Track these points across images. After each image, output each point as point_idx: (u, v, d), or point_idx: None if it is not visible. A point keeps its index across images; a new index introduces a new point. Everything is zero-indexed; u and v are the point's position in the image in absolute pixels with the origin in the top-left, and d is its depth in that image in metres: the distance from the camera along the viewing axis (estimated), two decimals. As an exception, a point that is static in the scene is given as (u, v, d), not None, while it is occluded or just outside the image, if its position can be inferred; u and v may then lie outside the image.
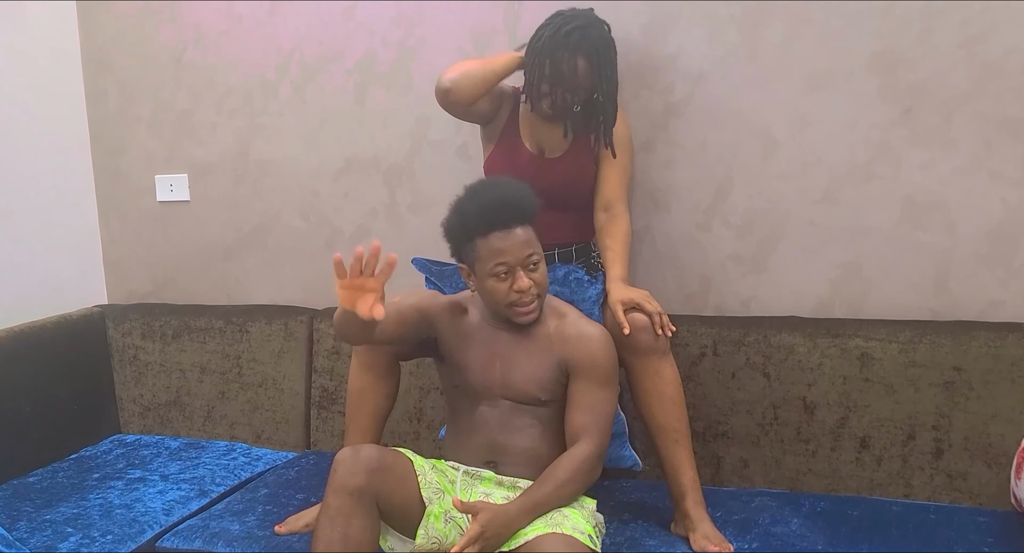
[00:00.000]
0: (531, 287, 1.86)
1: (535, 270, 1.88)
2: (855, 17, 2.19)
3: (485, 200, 1.87)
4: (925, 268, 2.22)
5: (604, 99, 2.16)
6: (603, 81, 2.13)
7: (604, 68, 2.13)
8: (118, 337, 2.88)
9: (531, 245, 1.86)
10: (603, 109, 2.17)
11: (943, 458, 2.09)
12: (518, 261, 1.84)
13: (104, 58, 2.96)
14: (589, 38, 2.12)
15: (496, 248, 1.84)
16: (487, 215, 1.85)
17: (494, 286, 1.87)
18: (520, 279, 1.85)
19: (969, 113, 2.13)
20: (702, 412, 2.26)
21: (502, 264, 1.84)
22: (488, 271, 1.86)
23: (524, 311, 1.89)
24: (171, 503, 2.27)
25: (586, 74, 2.12)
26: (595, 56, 2.12)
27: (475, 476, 1.90)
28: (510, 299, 1.87)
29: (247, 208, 2.88)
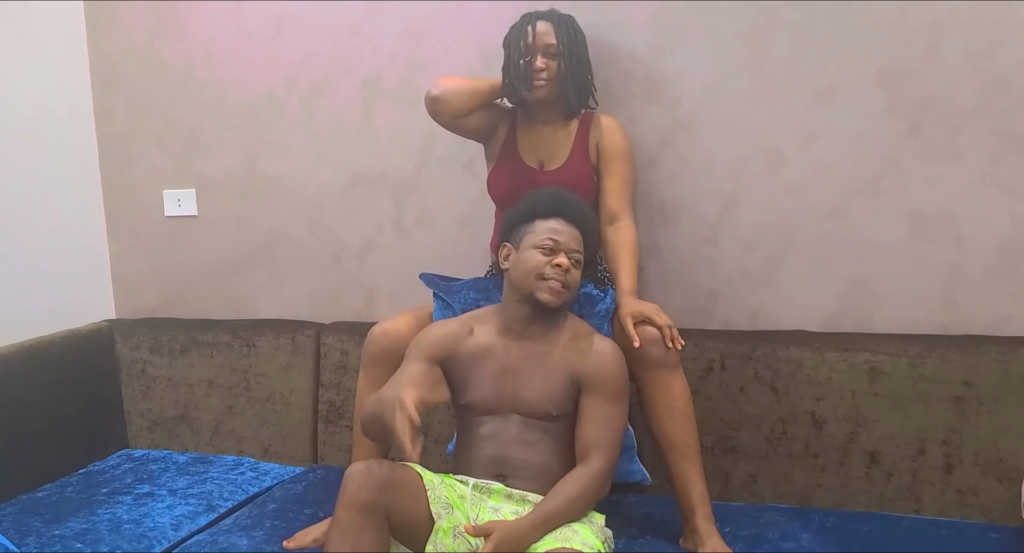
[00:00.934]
0: (568, 270, 1.93)
1: (575, 267, 1.97)
2: (862, 32, 2.19)
3: (559, 195, 2.04)
4: (934, 283, 2.22)
5: (570, 56, 2.22)
6: (565, 36, 2.21)
7: (564, 27, 2.22)
8: (126, 352, 2.89)
9: (581, 247, 1.99)
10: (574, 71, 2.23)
11: (953, 473, 2.08)
12: (566, 247, 1.96)
13: (113, 74, 2.98)
14: (546, 11, 2.26)
15: (553, 227, 1.97)
16: (559, 204, 2.01)
17: (534, 255, 1.95)
18: (561, 257, 1.93)
19: (977, 128, 2.13)
20: (710, 427, 2.26)
21: (552, 239, 1.95)
22: (536, 242, 1.96)
23: (552, 287, 1.93)
24: (179, 518, 2.27)
25: (546, 30, 2.21)
26: (554, 17, 2.23)
27: (484, 490, 1.89)
28: (543, 271, 1.93)
29: (255, 223, 2.89)
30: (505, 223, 2.06)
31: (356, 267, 2.78)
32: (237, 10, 2.79)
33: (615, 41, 2.38)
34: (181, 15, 2.85)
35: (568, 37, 2.22)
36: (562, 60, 2.21)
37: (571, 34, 2.23)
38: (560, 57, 2.21)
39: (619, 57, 2.39)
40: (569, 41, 2.22)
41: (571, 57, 2.21)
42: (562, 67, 2.21)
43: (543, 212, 1.99)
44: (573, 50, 2.22)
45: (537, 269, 1.93)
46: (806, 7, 2.23)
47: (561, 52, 2.21)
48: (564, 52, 2.21)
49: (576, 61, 2.23)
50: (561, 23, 2.23)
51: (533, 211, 2.00)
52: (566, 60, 2.21)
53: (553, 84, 2.22)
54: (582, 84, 2.27)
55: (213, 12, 2.82)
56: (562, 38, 2.21)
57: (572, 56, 2.22)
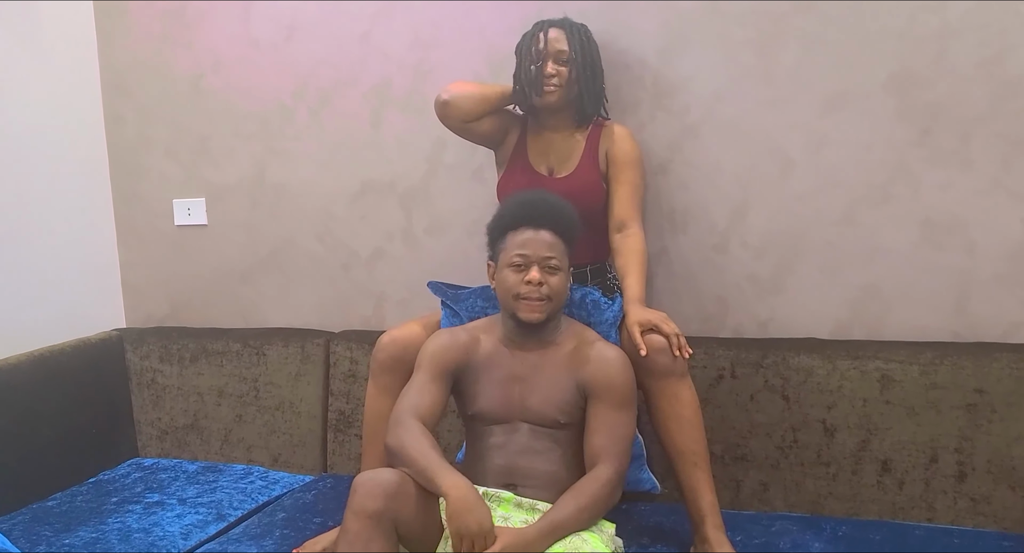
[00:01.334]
0: (540, 284, 1.91)
1: (552, 275, 1.92)
2: (871, 38, 2.19)
3: (523, 200, 2.02)
4: (945, 289, 2.20)
5: (583, 63, 2.22)
6: (577, 43, 2.22)
7: (577, 35, 2.23)
8: (136, 360, 2.89)
9: (554, 250, 1.93)
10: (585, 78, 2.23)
11: (966, 481, 2.06)
12: (537, 258, 1.92)
13: (123, 83, 2.99)
14: (551, 20, 2.26)
15: (520, 241, 1.94)
16: (524, 210, 1.98)
17: (507, 276, 1.94)
18: (532, 272, 1.90)
19: (987, 133, 2.12)
20: (720, 435, 2.25)
21: (521, 255, 1.92)
22: (507, 261, 1.94)
23: (529, 306, 1.92)
24: (189, 527, 2.27)
25: (558, 37, 2.22)
26: (566, 25, 2.24)
27: (494, 498, 1.88)
28: (518, 290, 1.92)
29: (264, 231, 2.89)
30: (487, 235, 2.05)
31: (365, 275, 2.79)
32: (246, 18, 2.80)
33: (624, 47, 2.38)
34: (191, 23, 2.87)
35: (580, 44, 2.22)
36: (574, 67, 2.21)
37: (583, 42, 2.23)
38: (571, 64, 2.21)
39: (628, 63, 2.39)
40: (581, 48, 2.22)
41: (583, 64, 2.22)
42: (573, 73, 2.21)
43: (511, 224, 1.97)
44: (585, 58, 2.22)
45: (512, 290, 1.93)
46: (815, 13, 2.22)
47: (573, 59, 2.21)
48: (576, 59, 2.21)
49: (588, 69, 2.23)
50: (574, 31, 2.23)
51: (502, 224, 1.99)
52: (578, 67, 2.21)
53: (563, 90, 2.22)
54: (595, 92, 2.27)
55: (223, 20, 2.83)
56: (574, 45, 2.21)
57: (584, 64, 2.22)
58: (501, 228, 1.98)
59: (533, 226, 1.94)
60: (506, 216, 1.99)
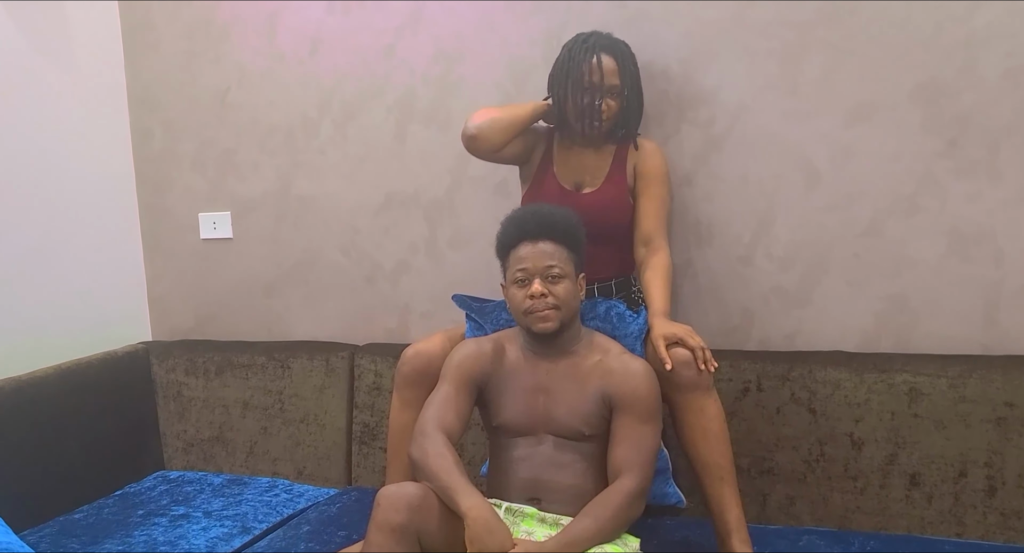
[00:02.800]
0: (545, 296, 1.91)
1: (555, 283, 1.92)
2: (897, 48, 2.17)
3: (520, 213, 2.02)
4: (973, 301, 2.18)
5: (631, 94, 2.20)
6: (628, 75, 2.20)
7: (627, 65, 2.20)
8: (162, 373, 2.91)
9: (554, 258, 1.93)
10: (632, 107, 2.22)
11: (996, 496, 2.04)
12: (538, 270, 1.92)
13: (150, 98, 3.02)
14: (606, 38, 2.22)
15: (519, 256, 1.95)
16: (518, 226, 1.98)
17: (514, 293, 1.95)
18: (533, 285, 1.91)
19: (1015, 144, 2.10)
20: (747, 448, 2.23)
21: (522, 270, 1.93)
22: (511, 278, 1.96)
23: (539, 316, 1.92)
24: (214, 540, 2.27)
25: (612, 69, 2.18)
26: (618, 53, 2.19)
27: (518, 513, 1.88)
28: (525, 306, 1.92)
29: (289, 244, 2.90)
30: (497, 255, 2.05)
31: (389, 288, 2.79)
32: (272, 33, 2.81)
33: (648, 59, 2.37)
34: (217, 38, 2.89)
35: (630, 74, 2.20)
36: (623, 100, 2.19)
37: (632, 70, 2.21)
38: (621, 97, 2.19)
39: (652, 75, 2.38)
40: (631, 79, 2.20)
41: (632, 92, 2.20)
42: (623, 105, 2.20)
43: (509, 242, 1.98)
44: (634, 86, 2.21)
45: (520, 306, 1.94)
46: (840, 23, 2.21)
47: (624, 94, 2.19)
48: (627, 92, 2.19)
49: (635, 97, 2.22)
50: (625, 60, 2.20)
51: (503, 244, 2.00)
52: (628, 99, 2.19)
53: (611, 122, 2.21)
54: (638, 116, 2.26)
55: (248, 35, 2.85)
56: (626, 78, 2.18)
57: (632, 92, 2.20)
58: (504, 248, 2.00)
59: (530, 239, 1.95)
60: (504, 236, 2.00)
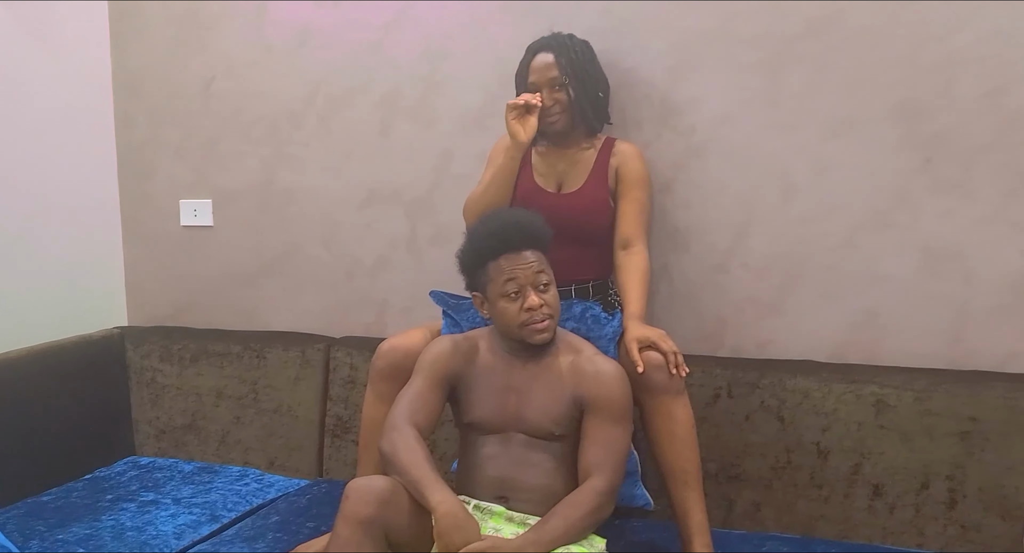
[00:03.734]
0: (542, 306, 1.89)
1: (546, 291, 1.92)
2: (878, 66, 2.21)
3: (495, 224, 1.95)
4: (942, 317, 2.22)
5: (574, 82, 2.22)
6: (569, 65, 2.21)
7: (565, 53, 2.22)
8: (137, 359, 2.91)
9: (541, 267, 1.92)
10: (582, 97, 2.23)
11: (957, 509, 2.07)
12: (528, 281, 1.90)
13: (135, 85, 3.02)
14: (551, 38, 2.26)
15: (506, 268, 1.90)
16: (497, 238, 1.92)
17: (505, 307, 1.91)
18: (530, 297, 1.89)
19: (990, 164, 2.14)
20: (715, 454, 2.26)
21: (512, 282, 1.89)
22: (499, 292, 1.91)
23: (538, 328, 1.91)
24: (182, 527, 2.28)
25: (549, 63, 2.22)
26: (553, 45, 2.24)
27: (485, 511, 1.89)
28: (521, 319, 1.90)
29: (270, 236, 2.91)
30: (461, 268, 2.01)
31: (368, 283, 2.80)
32: (259, 24, 2.82)
33: (632, 66, 2.40)
34: (204, 27, 2.89)
35: (570, 62, 2.22)
36: (570, 87, 2.22)
37: (573, 58, 2.22)
38: (567, 86, 2.22)
39: (636, 82, 2.41)
40: (572, 66, 2.22)
41: (577, 82, 2.22)
42: (571, 95, 2.22)
43: (487, 254, 1.93)
44: (578, 75, 2.22)
45: (515, 320, 1.91)
46: (823, 39, 2.24)
47: (565, 83, 2.21)
48: (569, 81, 2.21)
49: (583, 83, 2.23)
50: (561, 50, 2.22)
51: (478, 255, 1.94)
52: (573, 87, 2.21)
53: (567, 115, 2.23)
54: (596, 102, 2.27)
55: (236, 25, 2.85)
56: (564, 67, 2.21)
57: (578, 81, 2.22)
58: (479, 260, 1.94)
59: (512, 250, 1.91)
60: (482, 248, 1.94)
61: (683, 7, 2.35)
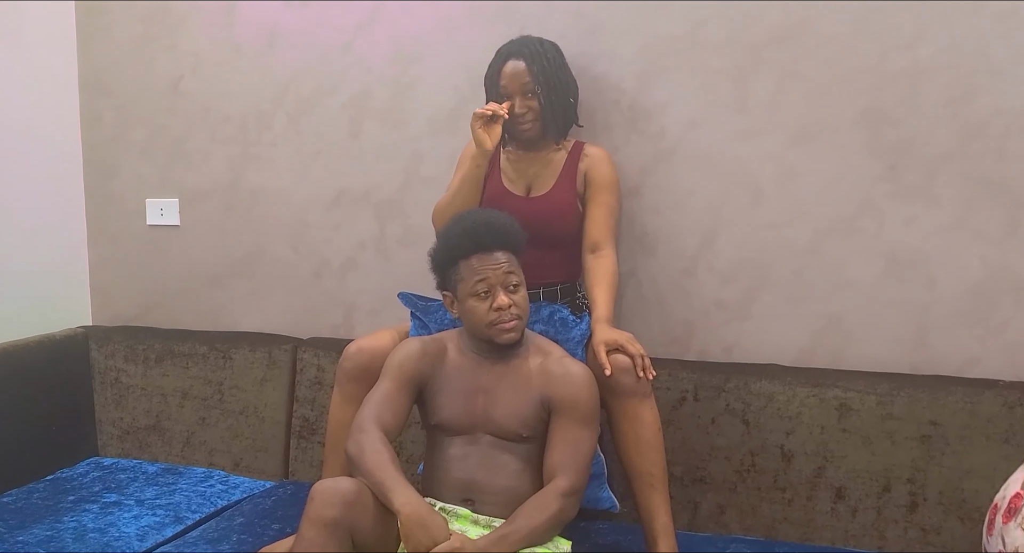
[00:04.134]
0: (511, 306, 1.90)
1: (515, 292, 1.92)
2: (844, 74, 2.23)
3: (468, 224, 1.95)
4: (905, 322, 2.25)
5: (545, 90, 2.22)
6: (541, 72, 2.21)
7: (537, 59, 2.22)
8: (101, 359, 2.88)
9: (512, 268, 1.92)
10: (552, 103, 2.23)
11: (918, 512, 2.10)
12: (498, 281, 1.90)
13: (101, 82, 2.99)
14: (521, 42, 2.26)
15: (476, 268, 1.90)
16: (470, 237, 1.93)
17: (474, 306, 1.92)
18: (499, 297, 1.89)
19: (952, 172, 2.17)
20: (681, 457, 2.27)
21: (482, 281, 1.90)
22: (469, 291, 1.91)
23: (505, 328, 1.91)
24: (145, 529, 2.26)
25: (521, 70, 2.22)
26: (524, 51, 2.23)
27: (451, 513, 1.89)
28: (490, 318, 1.91)
29: (237, 236, 2.89)
30: (432, 267, 2.01)
31: (336, 284, 2.79)
32: (229, 23, 2.81)
33: (602, 71, 2.41)
34: (173, 25, 2.87)
35: (541, 69, 2.21)
36: (540, 97, 2.22)
37: (544, 65, 2.22)
38: (538, 95, 2.22)
39: (605, 87, 2.42)
40: (544, 73, 2.22)
41: (548, 89, 2.22)
42: (542, 101, 2.22)
43: (459, 253, 1.93)
44: (550, 81, 2.22)
45: (484, 319, 1.91)
46: (791, 47, 2.27)
47: (537, 92, 2.22)
48: (541, 88, 2.21)
49: (554, 90, 2.23)
50: (534, 57, 2.22)
51: (451, 254, 1.94)
52: (544, 94, 2.22)
53: (539, 122, 2.24)
54: (565, 107, 2.28)
55: (205, 24, 2.84)
56: (536, 74, 2.21)
57: (549, 88, 2.22)
58: (450, 258, 1.95)
59: (484, 250, 1.91)
60: (454, 247, 1.94)
61: (653, 13, 2.37)
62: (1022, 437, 2.02)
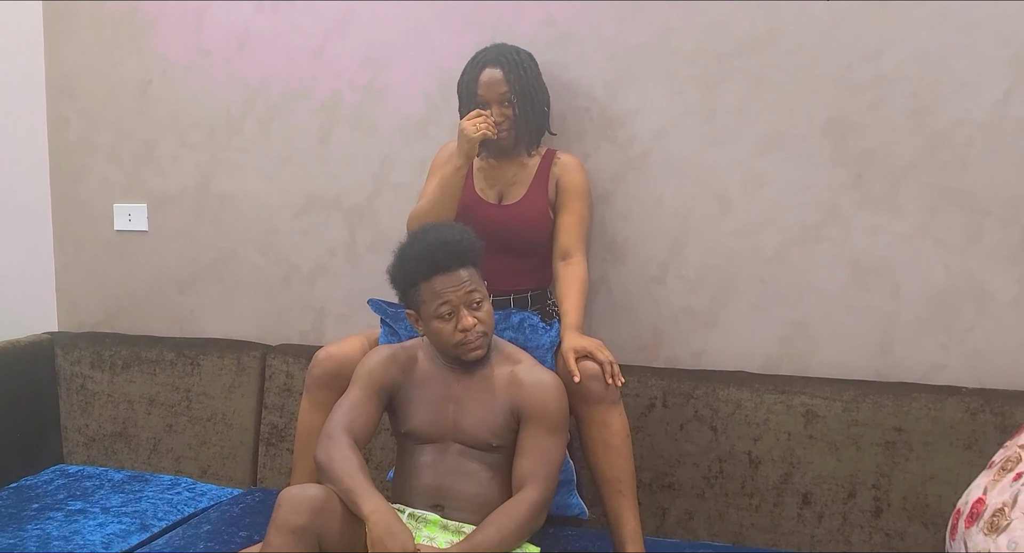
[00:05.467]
0: (476, 325, 1.90)
1: (479, 309, 1.92)
2: (810, 83, 2.26)
3: (425, 245, 1.92)
4: (870, 330, 2.27)
5: (521, 99, 2.22)
6: (517, 81, 2.21)
7: (514, 69, 2.22)
8: (66, 365, 2.85)
9: (473, 285, 1.91)
10: (527, 112, 2.24)
11: (882, 517, 2.12)
12: (461, 301, 1.89)
13: (69, 86, 2.97)
14: (496, 50, 2.26)
15: (438, 290, 1.89)
16: (428, 259, 1.90)
17: (440, 327, 1.91)
18: (464, 318, 1.89)
19: (916, 181, 2.20)
20: (649, 463, 2.28)
21: (445, 304, 1.89)
22: (432, 313, 1.90)
23: (471, 348, 1.91)
24: (110, 537, 2.24)
25: (498, 79, 2.22)
26: (501, 60, 2.23)
27: (420, 519, 1.89)
28: (456, 339, 1.90)
29: (205, 241, 2.87)
30: (392, 284, 2.00)
31: (306, 290, 2.78)
32: (198, 27, 2.79)
33: (573, 79, 2.43)
34: (141, 29, 2.85)
35: (518, 78, 2.22)
36: (516, 106, 2.22)
37: (521, 74, 2.23)
38: (514, 105, 2.22)
39: (576, 94, 2.43)
40: (520, 83, 2.22)
41: (524, 98, 2.23)
42: (517, 111, 2.23)
43: (418, 276, 1.91)
44: (526, 91, 2.23)
45: (450, 340, 1.91)
46: (759, 57, 2.29)
47: (513, 101, 2.22)
48: (517, 98, 2.21)
49: (529, 100, 2.24)
50: (510, 66, 2.22)
51: (410, 276, 1.92)
52: (520, 104, 2.22)
53: (514, 131, 2.25)
54: (539, 117, 2.29)
55: (174, 28, 2.82)
56: (512, 83, 2.21)
57: (525, 97, 2.23)
58: (409, 280, 1.93)
59: (443, 270, 1.89)
60: (412, 271, 1.92)
61: (622, 21, 2.38)
62: (984, 443, 2.05)
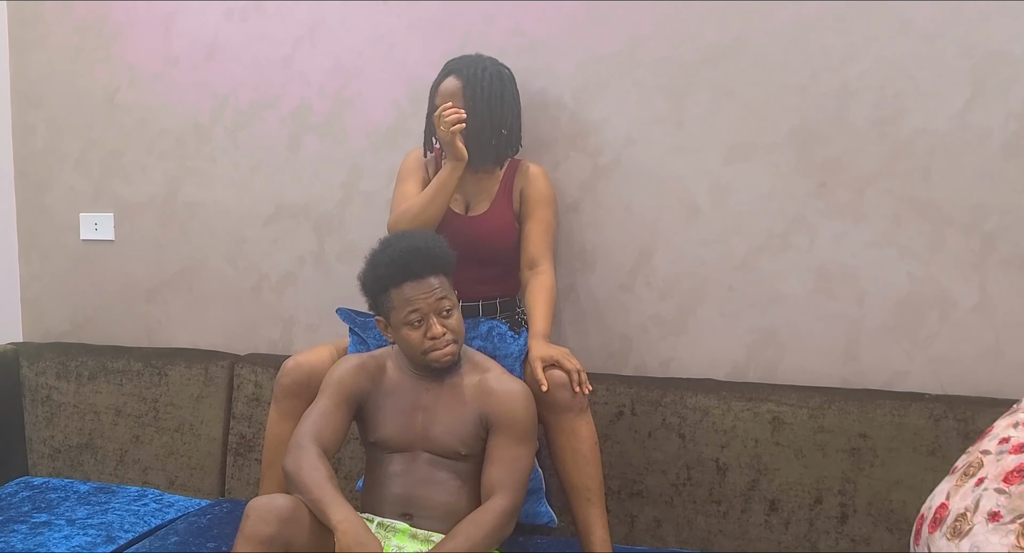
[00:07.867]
0: (445, 333, 1.90)
1: (449, 317, 1.92)
2: (776, 92, 2.28)
3: (397, 251, 1.93)
4: (836, 337, 2.29)
5: (474, 115, 2.19)
6: (472, 100, 2.20)
7: (475, 82, 2.21)
8: (31, 376, 2.82)
9: (444, 292, 1.92)
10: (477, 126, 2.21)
11: (848, 523, 2.14)
12: (431, 308, 1.90)
13: (34, 94, 2.94)
14: (463, 60, 2.26)
15: (408, 297, 1.89)
16: (399, 265, 1.91)
17: (408, 334, 1.92)
18: (433, 326, 1.89)
19: (879, 190, 2.22)
20: (618, 471, 2.29)
21: (415, 311, 1.89)
22: (402, 320, 1.91)
23: (439, 355, 1.92)
24: (76, 549, 2.22)
25: (455, 89, 2.22)
26: (464, 72, 2.22)
27: (389, 528, 1.89)
28: (425, 346, 1.91)
29: (173, 250, 2.86)
30: (363, 291, 2.00)
31: (274, 299, 2.77)
32: (167, 35, 2.78)
33: (542, 87, 2.44)
34: (109, 37, 2.84)
35: (473, 93, 2.20)
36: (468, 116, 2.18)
37: (477, 90, 2.20)
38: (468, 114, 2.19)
39: (545, 103, 2.44)
40: (474, 98, 2.20)
41: (474, 115, 2.19)
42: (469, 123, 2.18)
43: (389, 282, 1.92)
44: (478, 107, 2.20)
45: (419, 348, 1.92)
46: (725, 66, 2.31)
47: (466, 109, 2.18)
48: (467, 113, 2.17)
49: (479, 116, 2.21)
50: (469, 78, 2.21)
51: (380, 282, 1.94)
52: (468, 119, 2.17)
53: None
54: (490, 135, 2.25)
55: (142, 36, 2.81)
56: (467, 97, 2.20)
57: (476, 113, 2.20)
58: (380, 287, 1.94)
59: (414, 277, 1.90)
60: (383, 276, 1.93)
61: (590, 30, 2.40)
62: (947, 449, 2.07)
